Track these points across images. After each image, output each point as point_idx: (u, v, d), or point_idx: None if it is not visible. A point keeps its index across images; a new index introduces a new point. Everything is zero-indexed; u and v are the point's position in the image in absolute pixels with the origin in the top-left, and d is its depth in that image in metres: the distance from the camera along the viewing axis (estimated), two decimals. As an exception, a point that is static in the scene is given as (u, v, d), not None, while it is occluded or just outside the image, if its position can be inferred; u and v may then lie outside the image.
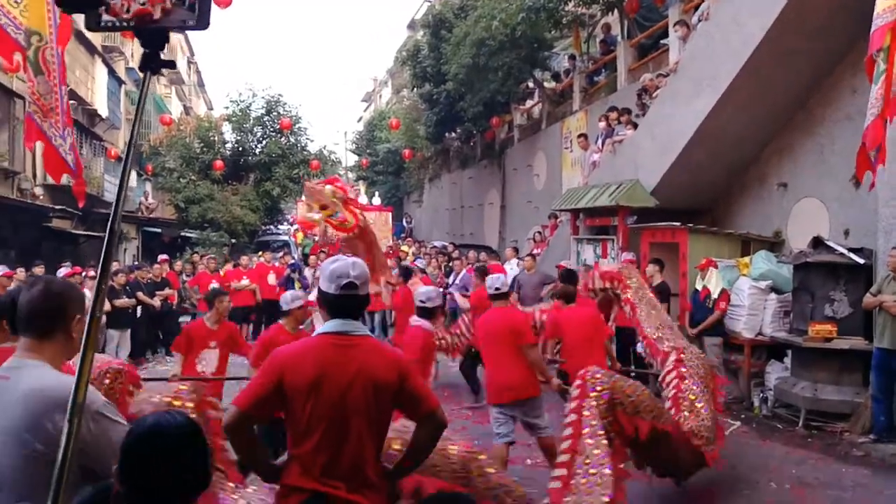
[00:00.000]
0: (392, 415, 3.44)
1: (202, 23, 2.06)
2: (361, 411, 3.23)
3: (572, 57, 19.61)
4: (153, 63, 2.10)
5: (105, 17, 2.02)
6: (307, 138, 31.14)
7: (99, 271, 2.10)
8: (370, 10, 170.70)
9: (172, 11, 2.02)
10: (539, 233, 18.17)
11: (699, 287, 10.68)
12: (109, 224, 2.11)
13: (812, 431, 9.07)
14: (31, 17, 5.61)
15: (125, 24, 2.04)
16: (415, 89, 27.74)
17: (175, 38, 47.38)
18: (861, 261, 9.13)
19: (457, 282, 15.46)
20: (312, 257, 18.83)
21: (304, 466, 3.21)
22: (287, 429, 3.30)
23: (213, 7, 2.10)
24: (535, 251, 16.60)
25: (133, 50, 32.11)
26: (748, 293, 10.52)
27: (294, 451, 3.27)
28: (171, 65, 2.31)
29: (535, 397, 6.98)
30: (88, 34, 23.37)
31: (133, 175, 33.38)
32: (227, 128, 30.63)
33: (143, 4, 1.98)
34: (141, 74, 2.21)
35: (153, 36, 2.07)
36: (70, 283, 3.07)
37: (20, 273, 13.56)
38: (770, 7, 9.96)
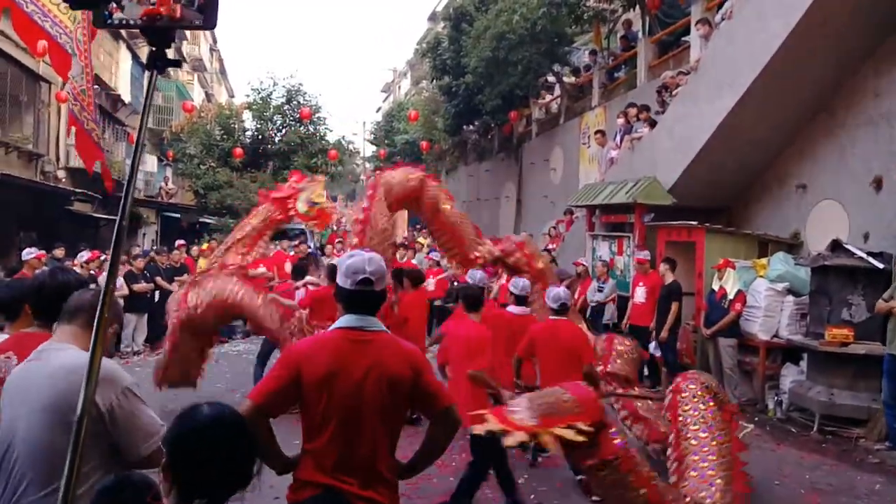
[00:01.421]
0: (406, 411, 3.43)
1: (209, 22, 2.07)
2: (375, 407, 3.23)
3: (593, 52, 19.51)
4: (160, 61, 2.10)
5: (115, 14, 2.04)
6: (326, 128, 31.19)
7: (109, 263, 2.13)
8: (391, 2, 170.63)
9: (181, 12, 2.03)
10: (554, 228, 18.10)
11: (715, 287, 10.61)
12: (118, 222, 2.11)
13: (826, 437, 8.99)
14: None
15: (133, 22, 2.05)
16: (434, 81, 27.68)
17: (198, 25, 47.54)
18: (881, 265, 9.01)
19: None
20: (329, 246, 18.86)
21: (318, 461, 3.23)
22: (302, 423, 3.31)
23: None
24: (550, 246, 16.56)
25: (182, 65, 32.38)
26: (765, 295, 10.44)
27: (308, 445, 3.28)
28: (178, 64, 2.30)
29: None
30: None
31: (154, 160, 33.80)
32: (247, 116, 30.72)
33: (153, 4, 2.00)
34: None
35: (160, 35, 2.08)
36: (116, 300, 3.41)
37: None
38: (795, 7, 9.86)
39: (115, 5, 2.01)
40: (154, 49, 2.08)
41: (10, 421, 2.87)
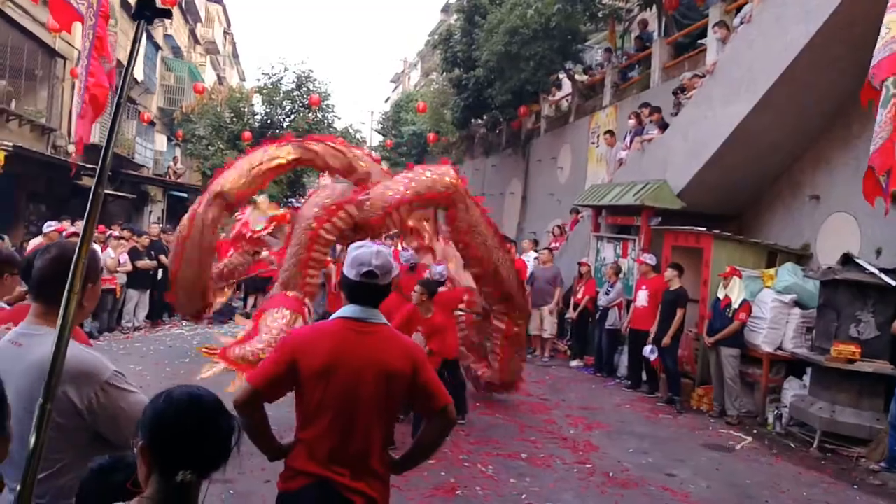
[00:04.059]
0: (401, 405, 3.43)
1: None
2: (372, 400, 3.21)
3: (608, 50, 19.32)
4: (148, 10, 1.90)
5: None
6: (334, 115, 31.28)
7: (81, 234, 1.99)
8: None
9: None
10: (559, 227, 17.93)
11: (720, 295, 10.45)
12: (93, 190, 2.01)
13: (826, 454, 8.79)
14: None
15: None
16: (444, 73, 27.57)
17: (213, 9, 48.03)
18: (892, 282, 8.81)
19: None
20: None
21: (311, 450, 3.21)
22: (297, 411, 3.30)
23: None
24: (553, 245, 16.41)
25: (172, 17, 32.44)
26: (771, 306, 10.26)
27: (301, 434, 3.27)
28: (167, 14, 2.08)
29: None
30: (131, 1, 23.71)
31: (164, 140, 34.12)
32: (257, 99, 30.98)
33: None
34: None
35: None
36: (95, 253, 3.06)
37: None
38: (817, 13, 9.69)
39: None
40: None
41: None
